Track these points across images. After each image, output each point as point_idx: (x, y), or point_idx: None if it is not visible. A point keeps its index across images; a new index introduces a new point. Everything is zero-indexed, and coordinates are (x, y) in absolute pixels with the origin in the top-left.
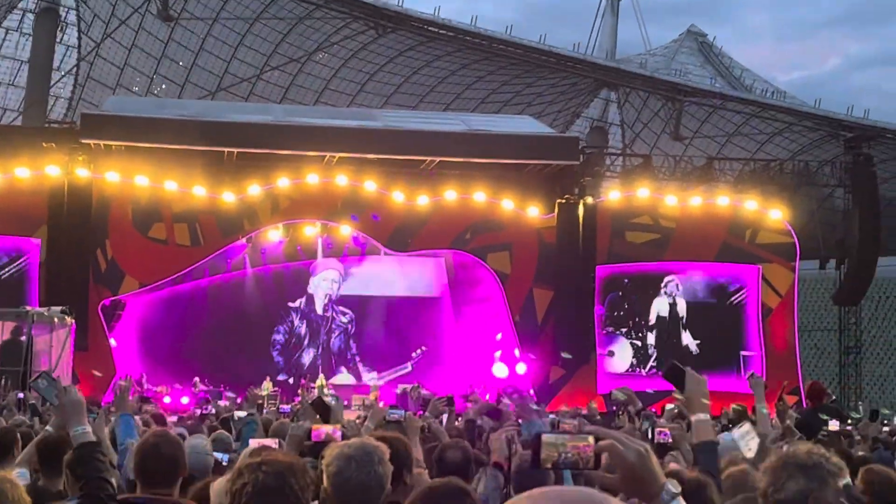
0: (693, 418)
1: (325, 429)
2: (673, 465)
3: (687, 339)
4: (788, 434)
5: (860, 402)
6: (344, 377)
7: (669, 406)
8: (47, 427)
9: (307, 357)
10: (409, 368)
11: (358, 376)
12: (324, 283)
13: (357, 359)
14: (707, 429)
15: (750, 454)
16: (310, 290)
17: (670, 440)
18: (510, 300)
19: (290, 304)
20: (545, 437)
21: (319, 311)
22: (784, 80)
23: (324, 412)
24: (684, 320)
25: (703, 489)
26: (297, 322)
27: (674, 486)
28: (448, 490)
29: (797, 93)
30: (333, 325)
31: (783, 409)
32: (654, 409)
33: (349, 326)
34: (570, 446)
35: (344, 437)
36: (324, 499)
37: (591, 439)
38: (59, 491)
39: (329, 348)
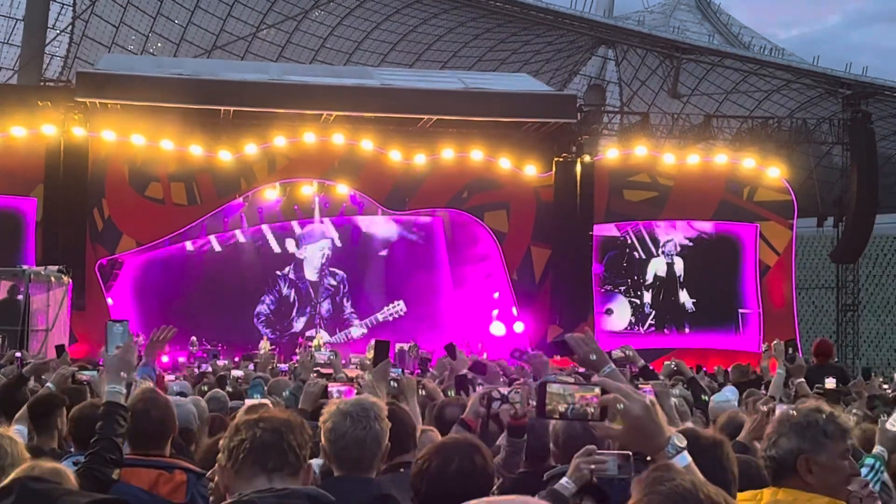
0: (598, 376)
1: (340, 386)
2: (688, 424)
3: (684, 297)
4: (802, 391)
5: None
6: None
7: (668, 363)
8: (48, 384)
9: (298, 324)
10: (365, 330)
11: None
12: (318, 251)
13: (354, 317)
14: (618, 378)
15: (893, 427)
16: (300, 256)
17: (652, 396)
18: (507, 259)
19: (278, 272)
20: (551, 387)
21: (313, 277)
22: (782, 38)
23: (382, 354)
24: (682, 279)
25: (717, 448)
26: (284, 290)
27: (679, 440)
28: (459, 445)
29: (795, 50)
30: (321, 289)
31: (799, 368)
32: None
33: (341, 286)
34: (579, 397)
35: (359, 394)
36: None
37: (598, 390)
38: (53, 449)
39: (320, 312)
